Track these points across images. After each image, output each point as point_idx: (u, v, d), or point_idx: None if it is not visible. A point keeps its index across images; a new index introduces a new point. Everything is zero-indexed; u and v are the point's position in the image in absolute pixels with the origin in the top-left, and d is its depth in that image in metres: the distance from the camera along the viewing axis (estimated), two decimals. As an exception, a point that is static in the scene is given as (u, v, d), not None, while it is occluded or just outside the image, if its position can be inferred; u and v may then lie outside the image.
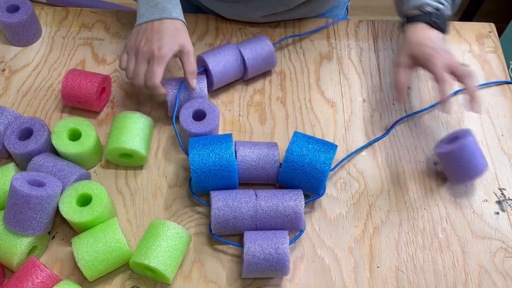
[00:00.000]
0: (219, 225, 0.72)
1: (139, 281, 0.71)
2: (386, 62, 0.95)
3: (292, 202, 0.72)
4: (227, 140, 0.74)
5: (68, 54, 0.93)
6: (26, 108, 0.86)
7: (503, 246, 0.76)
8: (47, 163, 0.74)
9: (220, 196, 0.72)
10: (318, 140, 0.75)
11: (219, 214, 0.71)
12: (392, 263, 0.74)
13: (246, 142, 0.78)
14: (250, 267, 0.68)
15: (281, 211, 0.71)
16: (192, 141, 0.75)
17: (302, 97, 0.90)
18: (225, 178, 0.74)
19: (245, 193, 0.73)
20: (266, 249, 0.68)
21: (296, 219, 0.72)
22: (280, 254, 0.68)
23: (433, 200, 0.80)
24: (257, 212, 0.71)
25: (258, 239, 0.69)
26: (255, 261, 0.68)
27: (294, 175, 0.74)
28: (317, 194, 0.76)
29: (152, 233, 0.70)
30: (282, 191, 0.74)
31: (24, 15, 0.89)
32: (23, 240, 0.69)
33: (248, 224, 0.72)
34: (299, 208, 0.71)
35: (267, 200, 0.72)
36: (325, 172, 0.73)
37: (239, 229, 0.72)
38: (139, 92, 0.88)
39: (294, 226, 0.72)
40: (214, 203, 0.71)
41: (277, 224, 0.72)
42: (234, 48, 0.86)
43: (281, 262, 0.68)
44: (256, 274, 0.69)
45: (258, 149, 0.76)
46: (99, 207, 0.70)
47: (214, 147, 0.74)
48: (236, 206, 0.71)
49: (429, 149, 0.85)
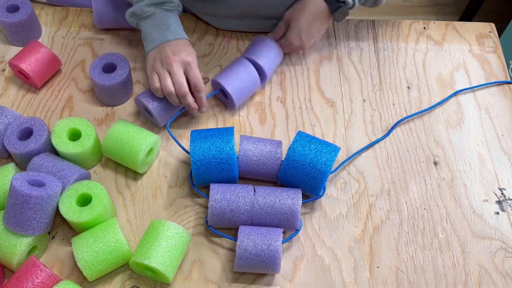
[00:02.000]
0: (215, 217, 0.72)
1: (139, 281, 0.71)
2: (386, 62, 0.95)
3: (289, 201, 0.72)
4: (228, 133, 0.75)
5: (68, 54, 0.93)
6: (26, 108, 0.86)
7: (503, 246, 0.76)
8: (47, 163, 0.74)
9: (218, 188, 0.73)
10: (321, 141, 0.75)
11: (216, 206, 0.71)
12: (392, 263, 0.74)
13: (251, 137, 0.78)
14: (241, 261, 0.68)
15: (277, 209, 0.72)
16: (194, 134, 0.76)
17: (302, 97, 0.90)
18: (225, 171, 0.74)
19: (244, 187, 0.73)
20: (259, 245, 0.68)
21: (292, 218, 0.72)
22: (272, 251, 0.68)
23: (433, 200, 0.80)
24: (254, 207, 0.72)
25: (252, 234, 0.70)
26: (246, 255, 0.68)
27: (295, 174, 0.74)
28: (317, 195, 0.76)
29: (152, 233, 0.70)
30: (281, 189, 0.74)
31: (24, 15, 0.89)
32: (23, 240, 0.68)
33: (244, 219, 0.72)
34: (296, 207, 0.71)
35: (265, 196, 0.72)
36: (326, 173, 0.73)
37: (235, 223, 0.73)
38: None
39: (290, 224, 0.72)
40: (212, 195, 0.72)
41: (273, 221, 0.72)
42: (247, 65, 0.85)
43: (272, 259, 0.68)
44: (247, 268, 0.70)
45: (262, 145, 0.77)
46: (99, 207, 0.70)
47: (215, 140, 0.74)
48: (233, 200, 0.72)
49: (429, 149, 0.85)
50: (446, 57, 0.96)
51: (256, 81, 0.85)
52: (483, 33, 0.99)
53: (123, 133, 0.76)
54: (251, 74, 0.84)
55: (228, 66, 0.86)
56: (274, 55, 0.88)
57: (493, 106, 0.90)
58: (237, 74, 0.84)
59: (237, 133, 0.85)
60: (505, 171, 0.83)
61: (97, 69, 0.83)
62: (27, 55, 0.85)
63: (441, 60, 0.95)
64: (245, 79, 0.84)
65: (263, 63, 0.85)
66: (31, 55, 0.85)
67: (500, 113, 0.89)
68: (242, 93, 0.84)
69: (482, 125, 0.88)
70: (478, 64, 0.95)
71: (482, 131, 0.87)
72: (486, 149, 0.85)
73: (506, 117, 0.89)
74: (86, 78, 0.90)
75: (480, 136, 0.86)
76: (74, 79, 0.90)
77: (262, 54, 0.86)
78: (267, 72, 0.86)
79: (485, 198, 0.80)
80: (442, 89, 0.92)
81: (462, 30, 1.00)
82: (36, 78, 0.86)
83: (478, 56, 0.96)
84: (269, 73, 0.87)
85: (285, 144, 0.84)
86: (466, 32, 0.99)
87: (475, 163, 0.84)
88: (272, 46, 0.88)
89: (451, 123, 0.88)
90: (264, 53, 0.87)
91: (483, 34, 0.99)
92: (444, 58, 0.96)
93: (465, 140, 0.86)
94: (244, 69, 0.84)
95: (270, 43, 0.88)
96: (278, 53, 0.89)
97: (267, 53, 0.87)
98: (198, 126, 0.86)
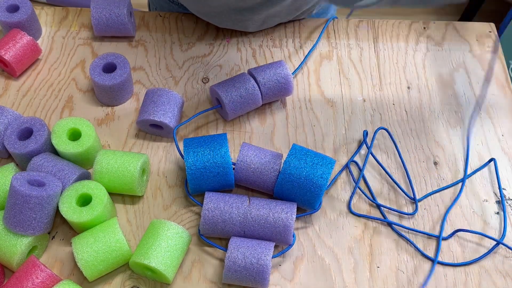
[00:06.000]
0: (208, 226, 0.71)
1: (139, 281, 0.71)
2: (386, 62, 0.95)
3: (283, 215, 0.71)
4: (221, 138, 0.75)
5: (68, 54, 0.93)
6: (26, 108, 0.86)
7: (503, 246, 0.76)
8: (47, 163, 0.74)
9: (213, 197, 0.72)
10: (316, 153, 0.74)
11: (209, 216, 0.71)
12: (392, 263, 0.74)
13: (253, 146, 0.77)
14: (229, 273, 0.68)
15: (270, 222, 0.70)
16: (187, 141, 0.75)
17: (302, 97, 0.90)
18: (221, 175, 0.73)
19: (239, 198, 0.72)
20: (248, 258, 0.67)
21: (284, 232, 0.70)
22: (261, 265, 0.67)
23: (433, 200, 0.80)
24: (247, 219, 0.71)
25: (243, 246, 0.69)
26: (235, 268, 0.67)
27: (291, 188, 0.72)
28: (313, 208, 0.75)
29: (152, 233, 0.70)
30: (276, 202, 0.73)
31: (24, 15, 0.89)
32: (23, 240, 0.69)
33: (237, 230, 0.71)
34: (289, 221, 0.70)
35: (259, 208, 0.71)
36: (322, 186, 0.71)
37: (227, 233, 0.72)
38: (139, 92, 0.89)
39: (282, 239, 0.71)
40: (205, 203, 0.71)
41: (265, 234, 0.71)
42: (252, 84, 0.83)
43: (261, 274, 0.67)
44: (235, 281, 0.69)
45: (262, 153, 0.76)
46: (99, 207, 0.70)
47: (209, 145, 0.74)
48: (226, 210, 0.71)
49: (429, 149, 0.85)
50: (446, 57, 0.96)
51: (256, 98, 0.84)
52: (483, 33, 0.99)
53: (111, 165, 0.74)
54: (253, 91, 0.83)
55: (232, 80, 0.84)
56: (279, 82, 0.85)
57: (493, 106, 0.90)
58: (237, 88, 0.82)
59: (237, 133, 0.85)
60: (505, 171, 0.83)
61: (97, 69, 0.83)
62: (6, 42, 0.86)
63: (441, 60, 0.95)
64: (244, 93, 0.82)
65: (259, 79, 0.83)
66: (9, 41, 0.86)
67: (500, 113, 0.89)
68: (239, 107, 0.83)
69: (482, 125, 0.88)
70: (478, 64, 0.95)
71: (482, 131, 0.87)
72: (486, 149, 0.85)
73: (506, 117, 0.89)
74: (86, 78, 0.90)
75: (480, 136, 0.86)
76: (74, 79, 0.90)
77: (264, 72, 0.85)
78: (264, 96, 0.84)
79: (485, 198, 0.80)
80: (442, 89, 0.92)
81: (462, 30, 1.00)
82: (15, 65, 0.86)
83: (478, 56, 0.96)
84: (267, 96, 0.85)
85: (285, 145, 0.84)
86: (466, 32, 0.99)
87: (475, 163, 0.84)
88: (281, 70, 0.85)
89: (451, 123, 0.88)
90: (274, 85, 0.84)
91: (483, 34, 0.99)
92: (444, 58, 0.96)
93: (465, 140, 0.86)
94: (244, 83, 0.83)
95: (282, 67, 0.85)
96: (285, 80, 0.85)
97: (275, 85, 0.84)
98: (199, 129, 0.86)
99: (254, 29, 0.94)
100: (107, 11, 0.89)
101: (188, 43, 0.95)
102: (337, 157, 0.83)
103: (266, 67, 0.85)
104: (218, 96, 0.82)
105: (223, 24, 0.93)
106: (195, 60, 0.93)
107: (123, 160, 0.74)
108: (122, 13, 0.89)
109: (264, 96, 0.84)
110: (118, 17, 0.89)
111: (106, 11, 0.90)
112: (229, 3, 0.86)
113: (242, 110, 0.83)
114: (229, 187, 0.76)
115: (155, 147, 0.83)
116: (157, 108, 0.80)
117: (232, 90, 0.82)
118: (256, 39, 0.96)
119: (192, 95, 0.89)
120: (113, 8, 0.90)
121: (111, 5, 0.90)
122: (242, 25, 0.93)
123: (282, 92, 0.85)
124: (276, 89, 0.84)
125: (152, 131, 0.83)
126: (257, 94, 0.83)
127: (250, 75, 0.85)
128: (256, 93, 0.83)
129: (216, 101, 0.85)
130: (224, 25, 0.94)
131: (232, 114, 0.83)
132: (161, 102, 0.80)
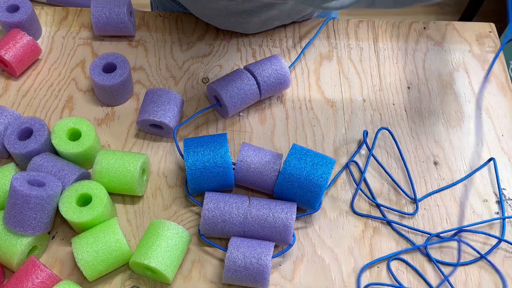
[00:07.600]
0: (208, 226, 0.71)
1: (139, 281, 0.72)
2: (386, 62, 0.95)
3: (283, 215, 0.71)
4: (221, 138, 0.75)
5: (68, 54, 0.93)
6: (26, 108, 0.86)
7: (503, 246, 0.76)
8: (47, 163, 0.74)
9: (213, 197, 0.72)
10: (316, 153, 0.74)
11: (209, 216, 0.71)
12: (392, 263, 0.74)
13: (253, 146, 0.77)
14: (229, 273, 0.68)
15: (270, 222, 0.71)
16: (187, 141, 0.75)
17: (302, 97, 0.90)
18: (221, 175, 0.73)
19: (239, 198, 0.72)
20: (248, 258, 0.67)
21: (285, 232, 0.71)
22: (261, 265, 0.67)
23: (433, 200, 0.80)
24: (247, 219, 0.71)
25: (242, 246, 0.69)
26: (235, 268, 0.67)
27: (291, 188, 0.72)
28: (313, 208, 0.75)
29: (152, 233, 0.70)
30: (276, 202, 0.73)
31: (24, 15, 0.89)
32: (23, 240, 0.69)
33: (237, 230, 0.71)
34: (289, 221, 0.70)
35: (259, 208, 0.71)
36: (322, 186, 0.71)
37: (227, 233, 0.72)
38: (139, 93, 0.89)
39: (282, 239, 0.71)
40: (205, 203, 0.71)
41: (265, 234, 0.71)
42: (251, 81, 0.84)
43: (261, 274, 0.67)
44: (235, 281, 0.69)
45: (262, 153, 0.76)
46: (99, 207, 0.70)
47: (209, 145, 0.74)
48: (226, 210, 0.71)
49: (429, 149, 0.85)
50: (446, 57, 0.96)
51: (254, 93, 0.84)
52: (483, 33, 0.99)
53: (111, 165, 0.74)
54: (251, 86, 0.83)
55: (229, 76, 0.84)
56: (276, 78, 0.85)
57: (493, 106, 0.90)
58: (236, 86, 0.82)
59: (237, 133, 0.85)
60: (505, 171, 0.83)
61: (97, 69, 0.83)
62: (6, 42, 0.86)
63: (441, 60, 0.95)
64: (242, 89, 0.83)
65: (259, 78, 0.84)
66: (9, 41, 0.86)
67: (500, 113, 0.89)
68: (237, 103, 0.83)
69: (482, 125, 0.88)
70: (478, 64, 0.95)
71: (482, 131, 0.87)
72: (486, 149, 0.85)
73: (506, 117, 0.89)
74: (86, 78, 0.90)
75: (480, 136, 0.86)
76: (74, 79, 0.90)
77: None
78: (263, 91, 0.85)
79: (485, 198, 0.80)
80: (442, 89, 0.92)
81: (462, 30, 1.00)
82: (15, 65, 0.86)
83: (478, 56, 0.96)
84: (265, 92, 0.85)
85: (285, 145, 0.84)
86: (466, 32, 0.99)
87: (475, 163, 0.84)
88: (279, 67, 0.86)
89: (451, 123, 0.88)
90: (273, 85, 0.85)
91: (483, 34, 0.99)
92: (444, 58, 0.96)
93: (465, 140, 0.86)
94: (242, 79, 0.83)
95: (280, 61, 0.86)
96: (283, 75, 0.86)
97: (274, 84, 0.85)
98: (199, 128, 0.86)
99: (253, 31, 0.95)
100: (107, 10, 0.90)
101: (188, 43, 0.95)
102: (337, 157, 0.83)
103: (262, 61, 0.86)
104: (216, 93, 0.82)
105: (222, 26, 0.93)
106: (195, 60, 0.93)
107: (123, 160, 0.74)
108: (122, 11, 0.89)
109: (261, 87, 0.84)
110: (118, 15, 0.90)
111: (106, 9, 0.90)
112: (228, 6, 0.87)
113: (241, 104, 0.83)
114: (229, 187, 0.76)
115: (155, 147, 0.83)
116: (157, 108, 0.80)
117: (229, 84, 0.82)
118: (256, 39, 0.96)
119: (192, 95, 0.89)
120: (113, 6, 0.90)
121: (111, 3, 0.90)
122: (242, 27, 0.93)
123: (280, 83, 0.85)
124: (273, 78, 0.84)
125: (152, 131, 0.83)
126: (254, 84, 0.83)
127: (247, 70, 0.85)
128: (253, 83, 0.83)
129: (215, 99, 0.85)
130: (223, 27, 0.94)
131: (231, 109, 0.83)
132: (161, 102, 0.80)
